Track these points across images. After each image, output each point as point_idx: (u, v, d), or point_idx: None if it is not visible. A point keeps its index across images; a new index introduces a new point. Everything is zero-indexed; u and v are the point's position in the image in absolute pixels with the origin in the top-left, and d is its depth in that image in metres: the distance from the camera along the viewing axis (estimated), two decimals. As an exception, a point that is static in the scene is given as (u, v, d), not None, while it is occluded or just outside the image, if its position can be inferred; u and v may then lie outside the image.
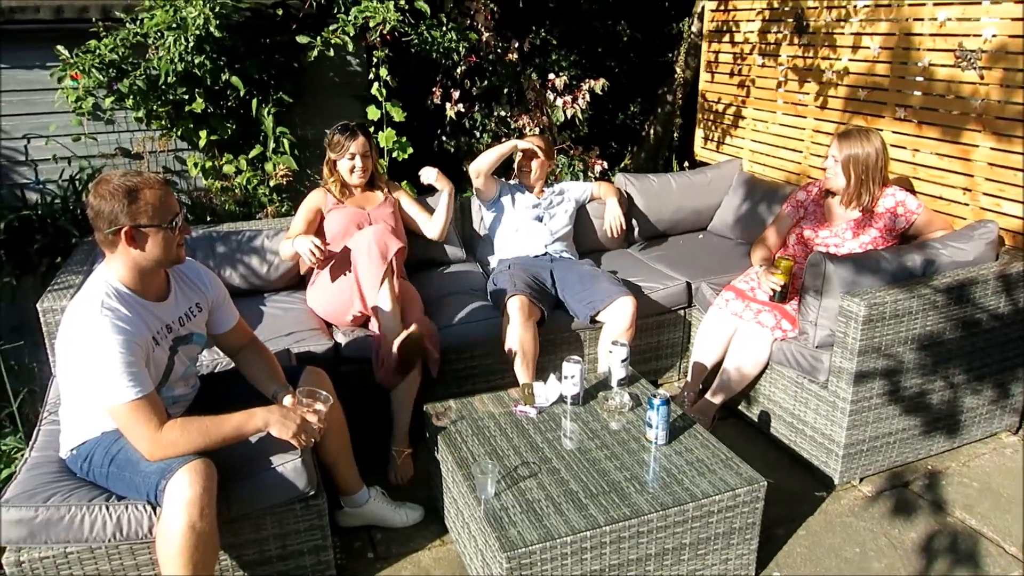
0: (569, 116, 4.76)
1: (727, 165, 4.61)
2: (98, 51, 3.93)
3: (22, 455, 2.46)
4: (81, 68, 3.92)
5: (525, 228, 3.68)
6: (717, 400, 3.21)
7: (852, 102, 3.89)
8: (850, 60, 3.87)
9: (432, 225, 3.59)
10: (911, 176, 3.58)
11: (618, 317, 3.25)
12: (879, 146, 3.14)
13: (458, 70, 4.76)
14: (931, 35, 3.44)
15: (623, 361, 2.82)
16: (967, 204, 3.37)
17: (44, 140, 4.39)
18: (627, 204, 4.16)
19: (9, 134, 4.41)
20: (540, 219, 3.72)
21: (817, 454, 2.99)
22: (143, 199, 2.03)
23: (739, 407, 3.36)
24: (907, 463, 3.05)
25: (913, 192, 3.43)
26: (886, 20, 3.65)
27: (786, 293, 3.11)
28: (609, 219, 3.95)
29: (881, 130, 3.65)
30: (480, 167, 3.57)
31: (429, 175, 3.51)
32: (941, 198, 3.46)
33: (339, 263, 3.17)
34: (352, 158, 3.33)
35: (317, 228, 3.35)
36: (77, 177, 4.27)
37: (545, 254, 3.64)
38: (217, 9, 3.91)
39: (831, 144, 3.25)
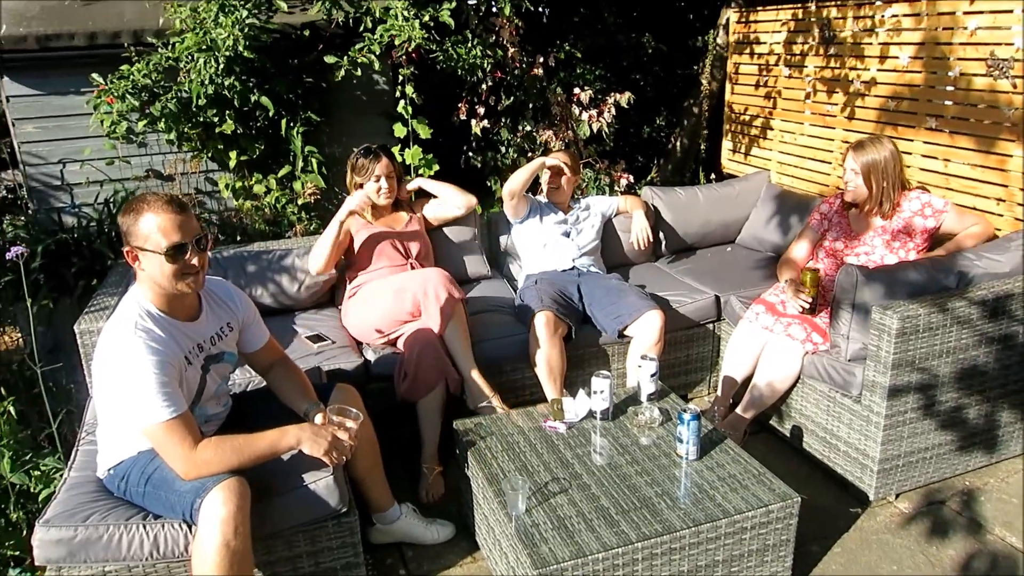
0: (595, 130, 4.77)
1: (755, 177, 4.59)
2: (131, 76, 4.02)
3: (61, 475, 2.51)
4: (115, 93, 4.01)
5: (553, 243, 3.69)
6: (748, 415, 3.18)
7: (882, 112, 3.86)
8: (878, 70, 3.85)
9: (449, 204, 3.70)
10: (944, 187, 3.54)
11: (646, 331, 3.23)
12: (893, 150, 3.16)
13: (483, 86, 4.80)
14: (962, 44, 3.40)
15: (652, 375, 2.81)
16: (1002, 215, 3.32)
17: (79, 164, 4.49)
18: (654, 217, 4.15)
19: (46, 159, 4.52)
20: (567, 234, 3.73)
21: (851, 469, 2.94)
22: (143, 222, 2.03)
23: (770, 421, 3.32)
24: (944, 479, 3.00)
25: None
26: (915, 30, 3.62)
27: (815, 306, 3.08)
28: (636, 232, 3.94)
29: (912, 140, 3.62)
30: (513, 188, 3.59)
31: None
32: (975, 209, 3.41)
33: (375, 285, 3.25)
34: (378, 180, 3.39)
35: (347, 249, 3.42)
36: (111, 200, 4.35)
37: (572, 268, 3.65)
38: (246, 31, 3.99)
39: (846, 157, 3.25)
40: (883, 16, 3.77)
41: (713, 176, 5.88)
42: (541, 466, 2.48)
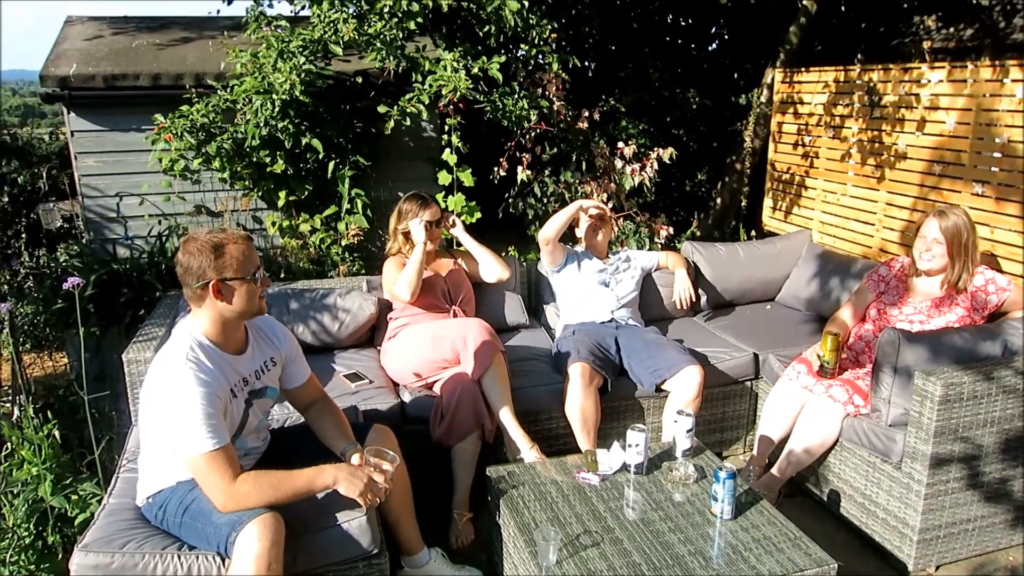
0: (637, 183, 4.81)
1: (796, 236, 4.58)
2: (190, 116, 4.17)
3: (99, 501, 2.55)
4: (174, 132, 4.16)
5: (591, 293, 3.70)
6: (784, 476, 3.13)
7: (926, 176, 3.85)
8: (922, 134, 3.85)
9: (486, 270, 3.69)
10: (989, 252, 3.50)
11: (685, 386, 3.22)
12: (968, 222, 3.09)
13: (528, 136, 4.89)
14: (1009, 111, 3.40)
15: (688, 431, 2.79)
16: (1049, 283, 3.27)
17: (138, 199, 4.65)
18: (694, 274, 4.16)
19: (103, 192, 4.69)
20: (606, 284, 3.74)
21: (890, 538, 2.87)
22: (228, 253, 2.14)
23: (807, 484, 3.26)
24: (987, 553, 2.91)
25: (1000, 270, 3.34)
26: (960, 95, 3.62)
27: (829, 371, 3.08)
28: (679, 290, 3.93)
29: (957, 205, 3.59)
30: (548, 234, 3.62)
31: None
32: (1021, 276, 3.36)
33: (416, 329, 3.32)
34: (428, 227, 3.46)
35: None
36: (163, 233, 4.49)
37: (611, 320, 3.65)
38: (303, 76, 4.13)
39: (926, 225, 3.14)
40: (927, 80, 3.78)
41: (753, 233, 5.88)
42: (573, 518, 2.47)
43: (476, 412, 2.99)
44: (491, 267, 3.66)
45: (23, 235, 5.81)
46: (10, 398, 2.94)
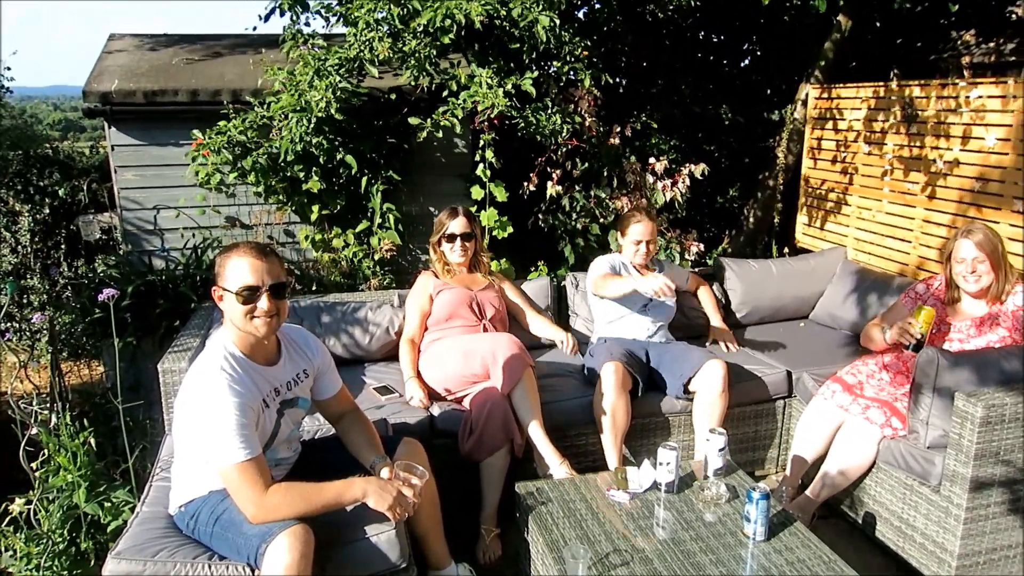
0: (668, 199, 4.79)
1: (831, 253, 4.52)
2: (227, 132, 4.24)
3: (131, 508, 2.58)
4: (212, 147, 4.23)
5: (630, 315, 3.62)
6: (818, 497, 3.07)
7: (965, 192, 3.78)
8: (961, 150, 3.79)
9: (536, 327, 3.71)
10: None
11: (710, 383, 3.23)
12: (994, 232, 3.04)
13: (559, 152, 4.89)
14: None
15: (720, 450, 2.75)
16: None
17: (174, 212, 4.73)
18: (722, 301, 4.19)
19: (141, 204, 4.78)
20: (646, 307, 3.64)
21: (927, 563, 2.80)
22: (229, 263, 2.16)
23: (841, 506, 3.20)
24: (1029, 580, 2.83)
25: None
26: (1004, 112, 3.56)
27: (921, 344, 2.95)
28: (720, 339, 3.90)
29: (997, 223, 3.53)
30: (602, 292, 3.53)
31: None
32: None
33: (446, 344, 3.33)
34: (451, 240, 3.51)
35: (429, 310, 3.49)
36: (199, 246, 4.56)
37: (644, 340, 3.62)
38: (339, 94, 4.18)
39: (960, 248, 3.04)
40: (968, 97, 3.73)
41: (786, 249, 5.81)
42: (603, 536, 2.44)
43: (506, 427, 2.98)
44: (540, 328, 3.71)
45: (63, 246, 5.92)
46: (48, 406, 2.98)
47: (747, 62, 7.81)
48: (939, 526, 2.74)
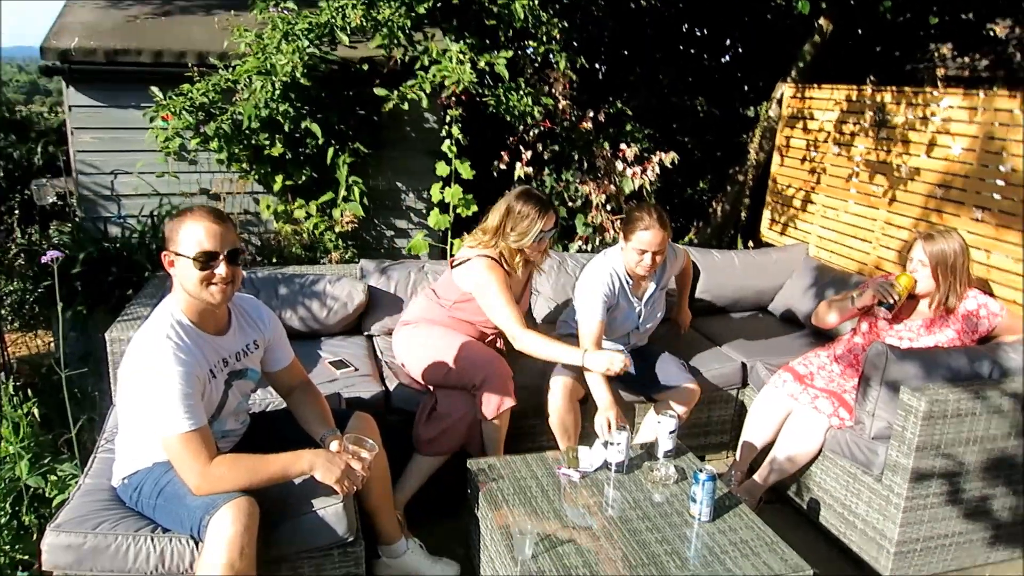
0: (637, 186, 4.79)
1: (793, 248, 4.58)
2: (189, 94, 4.15)
3: (76, 482, 2.54)
4: (172, 110, 4.13)
5: (615, 330, 3.29)
6: (765, 482, 3.12)
7: (928, 198, 3.86)
8: (928, 157, 3.86)
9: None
10: (984, 277, 3.51)
11: (680, 401, 3.18)
12: (963, 245, 3.05)
13: (531, 133, 4.87)
14: (1016, 141, 3.40)
15: (671, 433, 2.78)
16: (1041, 308, 3.28)
17: (131, 176, 4.61)
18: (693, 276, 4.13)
19: (99, 169, 4.66)
20: (637, 328, 3.34)
21: (867, 549, 2.87)
22: (183, 227, 2.09)
23: (788, 492, 3.26)
24: (963, 569, 2.91)
25: (992, 295, 3.34)
26: (970, 123, 3.63)
27: (894, 308, 3.02)
28: (677, 321, 3.79)
29: (956, 229, 3.59)
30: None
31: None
32: (1015, 302, 3.37)
33: (448, 340, 3.10)
34: (540, 239, 3.06)
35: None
36: (156, 213, 4.46)
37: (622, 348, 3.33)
38: (306, 59, 4.10)
39: (914, 247, 3.11)
40: (939, 106, 3.79)
41: (751, 244, 5.86)
42: (551, 513, 2.46)
43: (467, 437, 2.98)
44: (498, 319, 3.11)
45: (16, 211, 5.75)
46: (-10, 376, 2.91)
47: (727, 58, 7.84)
48: (880, 514, 2.80)
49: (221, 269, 2.10)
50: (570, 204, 4.94)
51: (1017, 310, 3.31)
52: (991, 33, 6.70)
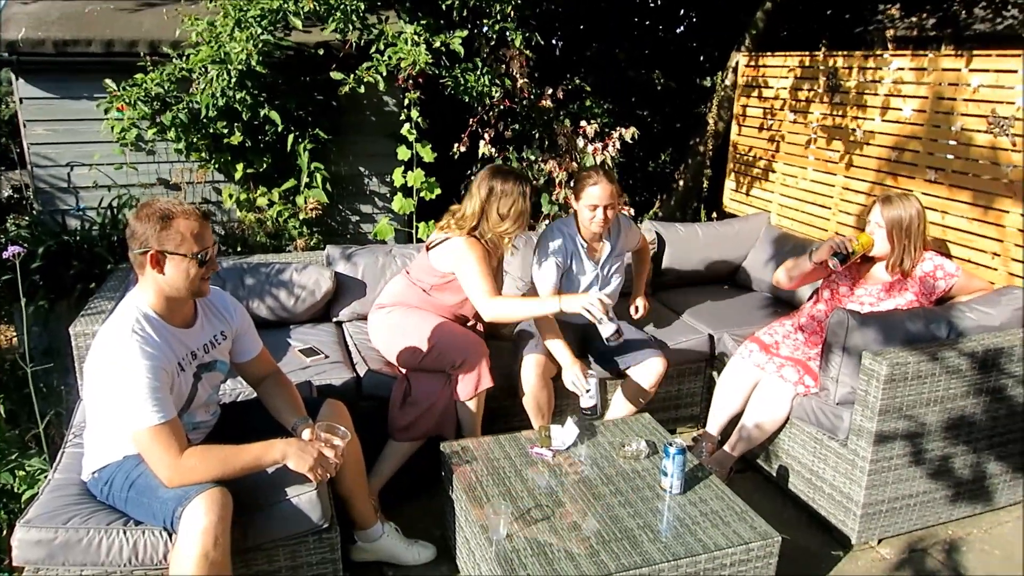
0: (599, 163, 4.81)
1: (755, 218, 4.63)
2: (144, 84, 4.07)
3: (45, 476, 2.51)
4: (127, 100, 4.06)
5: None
6: (735, 452, 3.18)
7: (883, 162, 3.91)
8: (882, 121, 3.90)
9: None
10: (940, 238, 3.58)
11: (646, 376, 3.22)
12: (920, 209, 3.11)
13: (491, 113, 4.85)
14: (965, 100, 3.46)
15: (588, 392, 2.94)
16: (996, 269, 3.35)
17: (87, 168, 4.53)
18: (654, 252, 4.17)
19: (54, 161, 4.57)
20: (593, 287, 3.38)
21: (835, 512, 2.94)
22: (175, 227, 2.08)
23: (757, 460, 3.33)
24: (927, 527, 3.00)
25: (949, 256, 3.41)
26: (919, 83, 3.68)
27: (848, 260, 3.08)
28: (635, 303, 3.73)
29: (911, 191, 3.66)
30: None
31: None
32: (970, 261, 3.44)
33: (424, 325, 3.08)
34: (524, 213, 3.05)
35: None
36: (115, 205, 4.39)
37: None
38: (260, 46, 4.04)
39: (871, 210, 3.19)
40: (888, 68, 3.83)
41: (715, 214, 5.92)
42: (525, 492, 2.49)
43: (441, 424, 2.99)
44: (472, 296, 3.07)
45: (-29, 205, 5.65)
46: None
47: (682, 29, 7.86)
48: (846, 477, 2.87)
49: (215, 266, 2.20)
50: (534, 183, 4.95)
51: (972, 269, 3.39)
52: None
